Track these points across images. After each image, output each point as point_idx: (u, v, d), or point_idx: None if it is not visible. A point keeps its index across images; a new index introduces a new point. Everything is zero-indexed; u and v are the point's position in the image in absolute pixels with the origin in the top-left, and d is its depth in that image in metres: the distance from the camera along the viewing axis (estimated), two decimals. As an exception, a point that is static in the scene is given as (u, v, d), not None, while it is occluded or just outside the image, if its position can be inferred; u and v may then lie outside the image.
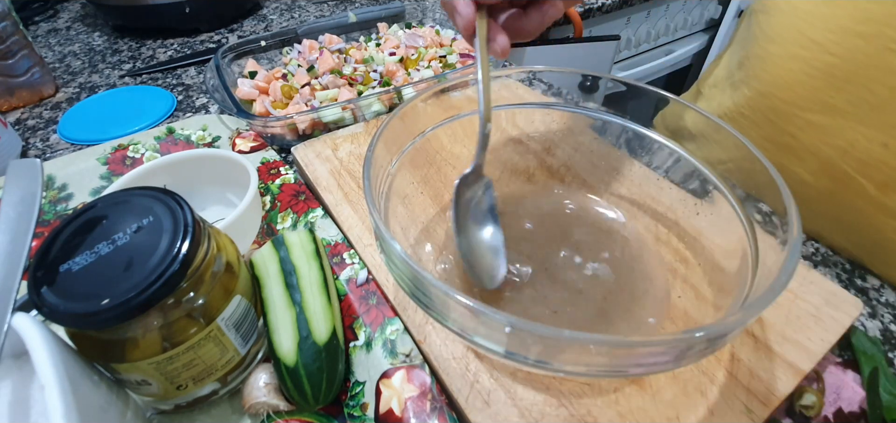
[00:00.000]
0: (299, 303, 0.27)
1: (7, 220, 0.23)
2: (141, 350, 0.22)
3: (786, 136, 0.41)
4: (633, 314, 0.30)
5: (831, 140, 0.38)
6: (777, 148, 0.42)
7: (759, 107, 0.43)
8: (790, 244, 0.23)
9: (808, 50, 0.37)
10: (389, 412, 0.26)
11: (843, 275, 0.37)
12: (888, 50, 0.33)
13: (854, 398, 0.28)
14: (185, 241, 0.22)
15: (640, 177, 0.37)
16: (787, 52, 0.39)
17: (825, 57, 0.36)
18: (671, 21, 1.36)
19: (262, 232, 0.38)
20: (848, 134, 0.36)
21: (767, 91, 0.41)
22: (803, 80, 0.38)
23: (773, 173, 0.26)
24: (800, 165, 0.40)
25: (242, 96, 0.52)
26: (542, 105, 0.39)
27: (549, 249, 0.34)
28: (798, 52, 0.38)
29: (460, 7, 0.29)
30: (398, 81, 0.55)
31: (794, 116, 0.39)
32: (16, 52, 0.55)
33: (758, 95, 0.43)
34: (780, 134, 0.41)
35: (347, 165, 0.43)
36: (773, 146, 0.42)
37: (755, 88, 0.43)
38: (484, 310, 0.20)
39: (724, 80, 0.48)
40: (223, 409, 0.28)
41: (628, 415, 0.26)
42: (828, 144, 0.38)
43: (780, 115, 0.41)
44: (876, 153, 0.35)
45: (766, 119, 0.42)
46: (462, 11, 0.29)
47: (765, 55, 0.41)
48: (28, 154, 0.50)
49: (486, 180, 0.34)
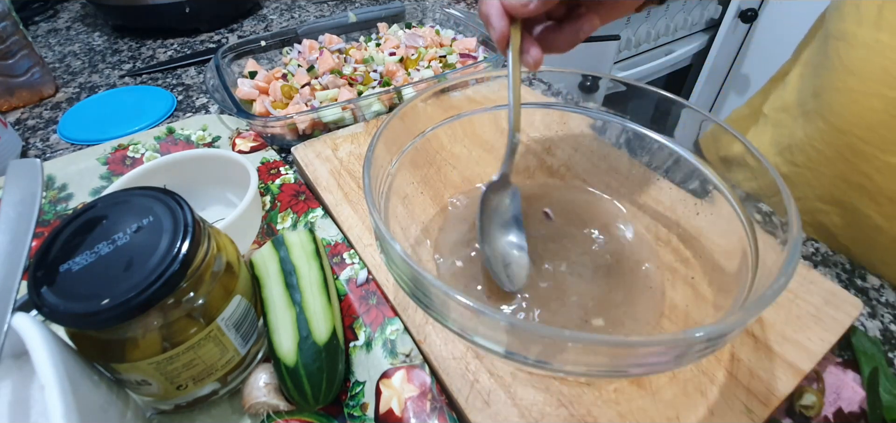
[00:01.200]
0: (299, 303, 0.27)
1: (7, 220, 0.23)
2: (141, 350, 0.22)
3: (861, 176, 0.39)
4: (632, 314, 0.30)
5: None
6: (851, 187, 0.40)
7: (835, 143, 0.41)
8: (790, 244, 0.23)
9: (893, 89, 0.36)
10: (389, 412, 0.26)
11: (843, 275, 0.37)
12: None
13: (854, 398, 0.28)
14: (185, 241, 0.22)
15: (640, 177, 0.37)
16: (870, 89, 0.37)
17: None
18: (671, 21, 1.36)
19: (262, 232, 0.38)
20: None
21: (845, 128, 0.39)
22: (886, 120, 0.36)
23: (773, 174, 0.26)
24: (874, 208, 0.39)
25: (242, 96, 0.52)
26: (542, 105, 0.39)
27: (548, 248, 0.34)
28: (882, 92, 0.36)
29: (494, 20, 0.29)
30: (398, 81, 0.55)
31: (873, 158, 0.38)
32: (16, 52, 0.55)
33: (834, 130, 0.40)
34: (856, 174, 0.39)
35: (347, 165, 0.43)
36: (847, 185, 0.40)
37: (831, 123, 0.41)
38: (484, 310, 0.20)
39: (796, 106, 0.46)
40: (223, 409, 0.28)
41: (628, 415, 0.26)
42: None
43: (857, 154, 0.39)
44: None
45: (841, 156, 0.40)
46: (496, 25, 0.29)
47: (844, 89, 0.39)
48: (28, 154, 0.50)
49: (513, 188, 0.34)
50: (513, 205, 0.34)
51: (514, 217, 0.33)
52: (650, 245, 0.35)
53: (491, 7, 0.29)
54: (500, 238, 0.33)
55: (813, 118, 0.43)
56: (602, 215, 0.37)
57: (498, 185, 0.33)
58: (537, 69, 0.30)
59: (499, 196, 0.33)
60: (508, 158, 0.32)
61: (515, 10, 0.28)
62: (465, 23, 0.66)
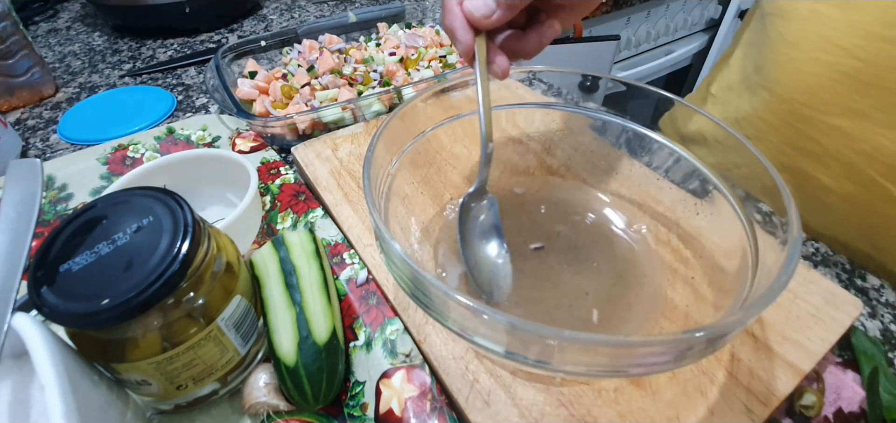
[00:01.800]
0: (299, 303, 0.27)
1: (7, 220, 0.23)
2: (141, 350, 0.22)
3: (808, 141, 0.41)
4: (632, 313, 0.30)
5: (856, 145, 0.37)
6: (799, 153, 0.42)
7: (780, 111, 0.43)
8: (790, 244, 0.23)
9: (831, 55, 0.37)
10: (389, 412, 0.26)
11: (843, 275, 0.37)
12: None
13: (854, 398, 0.28)
14: (185, 241, 0.22)
15: (640, 177, 0.37)
16: (810, 56, 0.39)
17: (850, 61, 0.36)
18: (671, 21, 1.36)
19: (262, 232, 0.38)
20: (874, 138, 0.36)
21: (788, 96, 0.41)
22: (827, 84, 0.38)
23: (773, 174, 0.26)
24: (823, 170, 0.40)
25: (242, 96, 0.52)
26: (542, 105, 0.39)
27: (548, 247, 0.34)
28: (821, 57, 0.38)
29: (460, 33, 0.29)
30: (398, 81, 0.55)
31: (818, 121, 0.39)
32: (16, 52, 0.55)
33: (778, 99, 0.43)
34: (803, 139, 0.41)
35: (347, 165, 0.43)
36: (795, 151, 0.42)
37: (775, 93, 0.43)
38: (484, 310, 0.20)
39: (740, 83, 0.48)
40: (223, 409, 0.28)
41: (628, 415, 0.26)
42: (852, 148, 0.38)
43: (802, 120, 0.41)
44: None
45: (787, 124, 0.42)
46: (461, 38, 0.29)
47: (784, 60, 0.41)
48: (28, 154, 0.50)
49: (490, 197, 0.34)
50: (491, 214, 0.34)
51: (494, 226, 0.33)
52: (650, 245, 0.35)
53: (455, 19, 0.29)
54: (481, 249, 0.33)
55: (757, 91, 0.45)
56: (602, 215, 0.37)
57: (476, 195, 0.33)
58: (505, 78, 0.30)
59: (478, 206, 0.33)
60: (484, 167, 0.32)
61: (479, 21, 0.29)
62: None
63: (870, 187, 0.38)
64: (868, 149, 0.37)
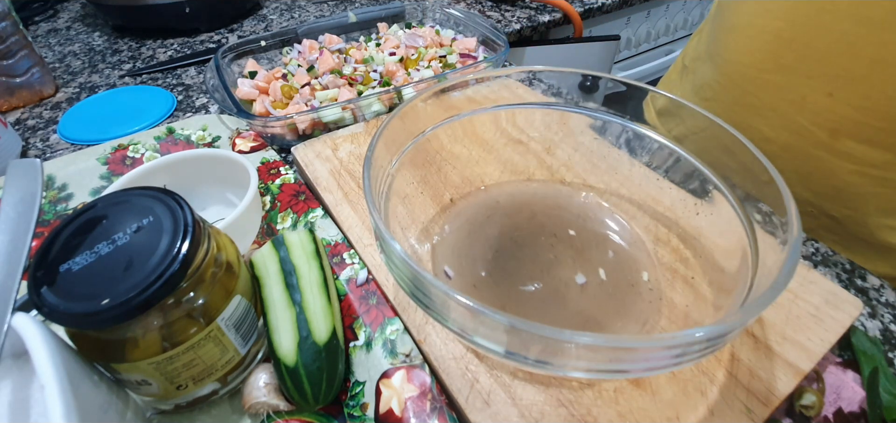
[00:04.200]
0: (299, 303, 0.27)
1: (7, 220, 0.23)
2: (141, 350, 0.22)
3: (749, 96, 0.46)
4: (632, 314, 0.30)
5: (786, 95, 0.42)
6: (743, 109, 0.47)
7: (729, 73, 0.48)
8: (790, 244, 0.23)
9: (761, 17, 0.43)
10: (389, 412, 0.26)
11: (843, 275, 0.37)
12: (824, 11, 0.38)
13: (854, 398, 0.28)
14: (185, 241, 0.22)
15: (640, 177, 0.37)
16: (748, 21, 0.45)
17: (775, 22, 0.42)
18: (671, 21, 1.36)
19: (262, 232, 0.38)
20: (799, 88, 0.41)
21: (733, 58, 0.48)
22: (761, 45, 0.44)
23: (772, 173, 0.26)
24: (763, 122, 0.45)
25: (242, 96, 0.52)
26: (542, 105, 0.39)
27: (548, 247, 0.34)
28: (756, 21, 0.44)
29: None
30: (398, 81, 0.55)
31: (755, 78, 0.45)
32: (16, 52, 0.55)
33: (726, 63, 0.49)
34: (745, 95, 0.47)
35: (347, 165, 0.43)
36: (740, 107, 0.47)
37: (725, 57, 0.49)
38: (484, 310, 0.20)
39: (704, 53, 0.54)
40: (223, 409, 0.28)
41: (628, 415, 0.26)
42: (784, 99, 0.43)
43: (745, 78, 0.46)
44: (823, 103, 0.40)
45: (734, 83, 0.48)
46: None
47: (730, 27, 0.48)
48: (28, 154, 0.50)
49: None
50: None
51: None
52: (649, 245, 0.35)
53: None
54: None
55: (713, 58, 0.51)
56: (601, 215, 0.37)
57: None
58: None
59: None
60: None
61: None
62: (465, 23, 0.66)
63: (801, 134, 0.42)
64: (795, 98, 0.42)
